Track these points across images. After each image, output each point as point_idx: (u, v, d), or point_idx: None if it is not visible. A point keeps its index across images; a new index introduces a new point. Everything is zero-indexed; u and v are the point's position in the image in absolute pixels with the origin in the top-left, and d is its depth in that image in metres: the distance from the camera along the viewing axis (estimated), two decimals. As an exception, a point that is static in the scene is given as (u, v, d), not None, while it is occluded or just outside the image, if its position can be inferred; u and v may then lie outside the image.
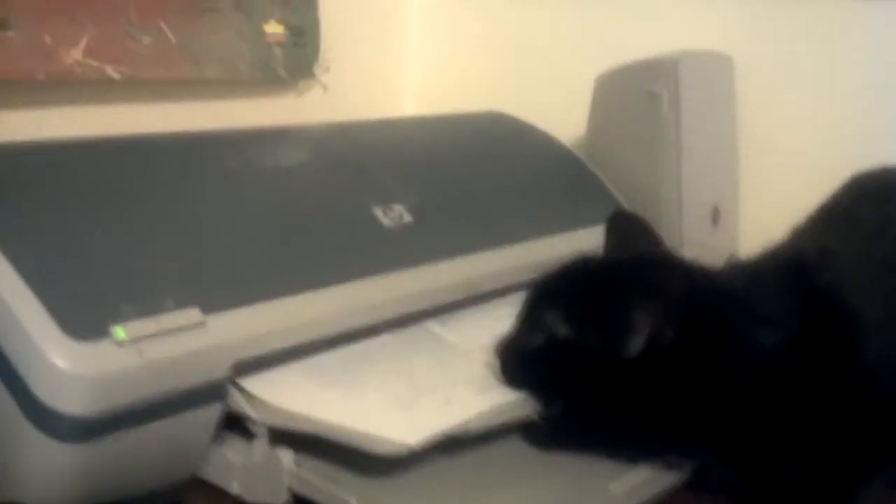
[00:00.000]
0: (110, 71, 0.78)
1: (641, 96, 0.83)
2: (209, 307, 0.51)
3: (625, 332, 0.51)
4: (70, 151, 0.62)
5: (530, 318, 0.56)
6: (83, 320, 0.47)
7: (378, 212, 0.65)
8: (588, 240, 0.77)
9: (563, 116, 0.91)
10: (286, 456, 0.52)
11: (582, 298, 0.55)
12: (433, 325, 0.65)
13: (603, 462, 0.55)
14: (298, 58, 0.95)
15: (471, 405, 0.54)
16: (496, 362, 0.57)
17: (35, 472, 0.48)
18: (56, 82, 0.74)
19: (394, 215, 0.65)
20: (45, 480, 0.48)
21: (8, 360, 0.47)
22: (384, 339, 0.62)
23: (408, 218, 0.66)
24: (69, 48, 0.74)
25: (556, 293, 0.56)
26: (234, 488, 0.54)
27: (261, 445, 0.53)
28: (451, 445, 0.52)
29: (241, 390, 0.53)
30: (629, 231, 0.63)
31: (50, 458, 0.47)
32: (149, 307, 0.49)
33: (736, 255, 0.87)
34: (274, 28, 0.91)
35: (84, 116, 0.79)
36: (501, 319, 0.63)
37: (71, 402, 0.46)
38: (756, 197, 0.90)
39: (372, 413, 0.53)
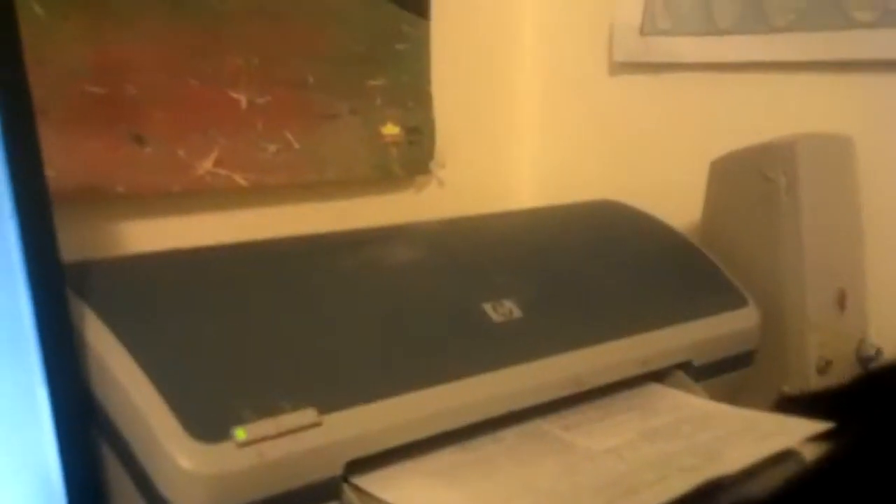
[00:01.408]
0: (239, 179, 0.83)
1: (758, 181, 0.82)
2: (324, 407, 0.53)
3: None
4: (194, 259, 0.66)
5: None
6: (206, 422, 0.50)
7: (488, 308, 0.66)
8: (706, 331, 0.76)
9: (678, 203, 0.91)
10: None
11: None
12: (552, 426, 0.64)
13: None
14: (414, 156, 0.99)
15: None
16: None
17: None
18: (189, 192, 0.80)
19: (504, 311, 0.66)
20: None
21: (137, 460, 0.50)
22: (501, 436, 0.62)
23: (518, 313, 0.66)
24: (201, 160, 0.80)
25: None
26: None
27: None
28: None
29: (355, 488, 0.54)
30: None
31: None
32: (267, 408, 0.52)
33: (865, 340, 0.85)
34: (390, 129, 0.95)
35: (214, 222, 0.84)
36: (624, 423, 0.63)
37: (193, 500, 0.48)
38: (885, 280, 0.86)
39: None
